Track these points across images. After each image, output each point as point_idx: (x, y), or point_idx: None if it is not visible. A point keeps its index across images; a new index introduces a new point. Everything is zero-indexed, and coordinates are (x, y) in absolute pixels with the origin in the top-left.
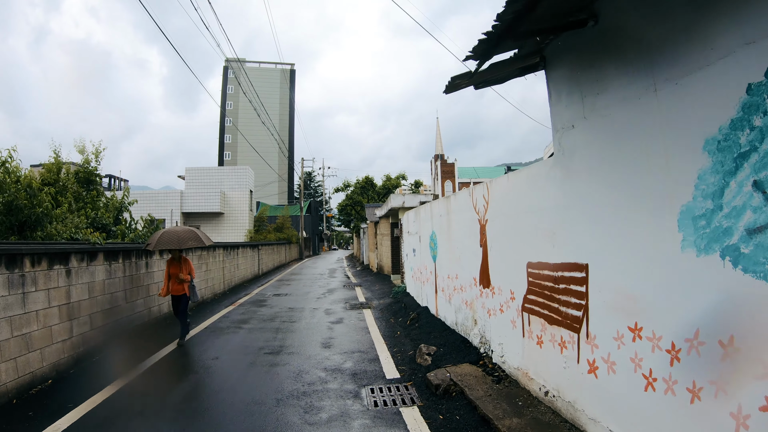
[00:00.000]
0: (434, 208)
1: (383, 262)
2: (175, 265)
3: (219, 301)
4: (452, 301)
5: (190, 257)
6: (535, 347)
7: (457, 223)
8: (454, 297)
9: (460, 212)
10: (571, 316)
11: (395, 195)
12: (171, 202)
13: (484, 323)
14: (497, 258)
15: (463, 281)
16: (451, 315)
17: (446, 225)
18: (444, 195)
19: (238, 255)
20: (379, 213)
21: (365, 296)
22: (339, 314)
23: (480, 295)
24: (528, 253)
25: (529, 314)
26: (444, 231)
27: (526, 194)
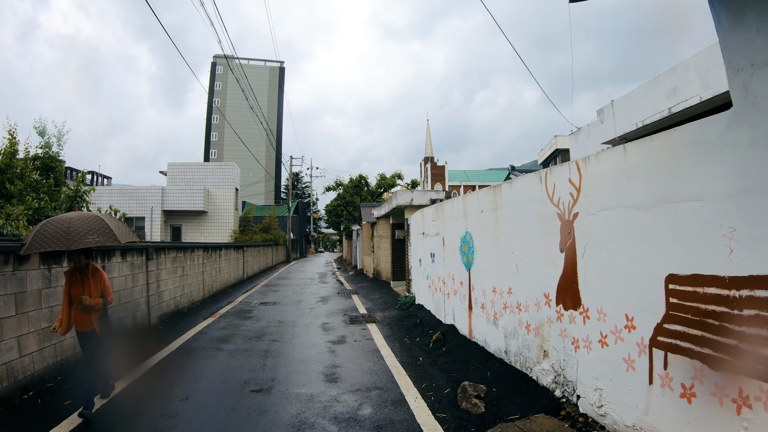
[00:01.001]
0: (469, 203)
1: (381, 266)
2: (78, 280)
3: (197, 312)
4: (499, 322)
5: (159, 257)
6: (675, 401)
7: (513, 220)
8: (505, 317)
9: (521, 205)
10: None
11: (402, 191)
12: (151, 199)
13: (565, 357)
14: (599, 268)
15: (523, 297)
16: (497, 340)
17: (491, 223)
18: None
19: (221, 257)
20: (377, 213)
21: (366, 307)
22: (339, 330)
23: (558, 318)
24: (671, 262)
25: (666, 351)
26: (487, 231)
27: (667, 172)
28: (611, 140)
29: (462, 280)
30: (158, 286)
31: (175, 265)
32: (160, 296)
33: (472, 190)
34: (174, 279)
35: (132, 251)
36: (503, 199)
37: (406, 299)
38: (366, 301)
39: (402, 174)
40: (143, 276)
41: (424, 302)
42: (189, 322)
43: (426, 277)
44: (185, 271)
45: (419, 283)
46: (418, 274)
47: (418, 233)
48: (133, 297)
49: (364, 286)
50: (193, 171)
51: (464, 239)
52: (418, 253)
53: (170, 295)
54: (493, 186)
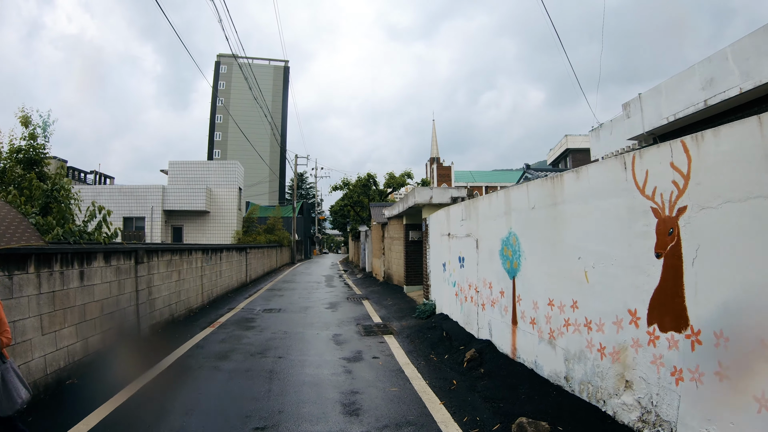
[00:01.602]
0: (515, 199)
1: (392, 270)
2: None
3: (195, 320)
4: (558, 341)
5: (151, 261)
6: None
7: (581, 217)
8: (567, 337)
9: (594, 199)
10: None
11: (420, 189)
12: (152, 198)
13: (659, 391)
14: (718, 278)
15: (595, 313)
16: (554, 363)
17: (547, 222)
18: None
19: (222, 260)
20: (388, 213)
21: (380, 315)
22: (354, 343)
23: (650, 341)
24: None
25: None
26: (541, 231)
27: None
28: (638, 136)
29: (503, 289)
30: (150, 293)
31: (170, 269)
32: (151, 304)
33: (479, 190)
34: (168, 284)
35: (118, 254)
36: (566, 192)
37: (425, 307)
38: (379, 307)
39: (412, 173)
40: (131, 282)
41: (448, 312)
42: (185, 333)
43: (452, 284)
44: (181, 275)
45: (442, 290)
46: (440, 280)
47: (441, 234)
48: (119, 306)
49: (374, 291)
50: (195, 169)
51: (507, 241)
52: (441, 257)
53: (164, 303)
54: (550, 177)
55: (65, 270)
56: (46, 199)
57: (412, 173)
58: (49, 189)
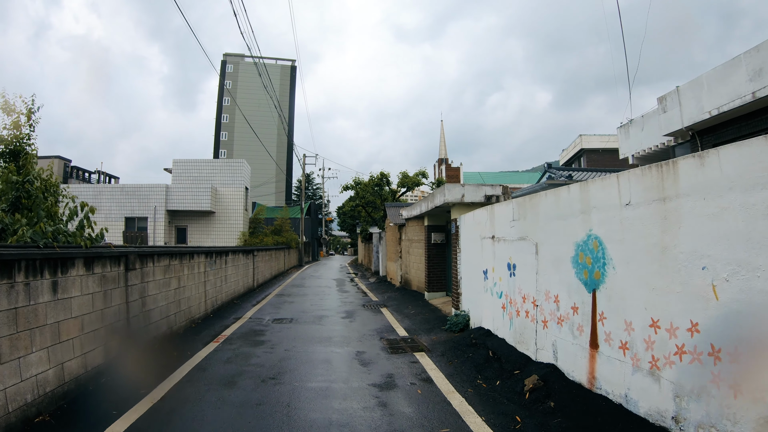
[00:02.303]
0: (596, 193)
1: (411, 274)
2: None
3: (197, 333)
4: (664, 372)
5: (145, 267)
6: None
7: (709, 216)
8: (678, 368)
9: (733, 191)
10: None
11: (450, 185)
12: (155, 197)
13: None
14: None
15: (728, 341)
16: (657, 399)
17: (653, 222)
18: None
19: (227, 263)
20: (407, 213)
21: (404, 326)
22: (382, 364)
23: None
24: None
25: None
26: (641, 233)
27: None
28: (677, 131)
29: (577, 303)
30: (143, 304)
31: (168, 275)
32: (146, 317)
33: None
34: (166, 293)
35: (104, 260)
36: (683, 184)
37: (457, 319)
38: (401, 317)
39: (426, 172)
40: (121, 293)
41: (491, 326)
42: (184, 350)
43: (496, 295)
44: (182, 282)
45: (481, 300)
46: (478, 289)
47: (482, 237)
48: (105, 322)
49: (392, 297)
50: (200, 168)
51: (584, 246)
52: (480, 263)
53: (161, 314)
54: (655, 165)
55: (32, 281)
56: (16, 193)
57: (426, 173)
58: (20, 181)
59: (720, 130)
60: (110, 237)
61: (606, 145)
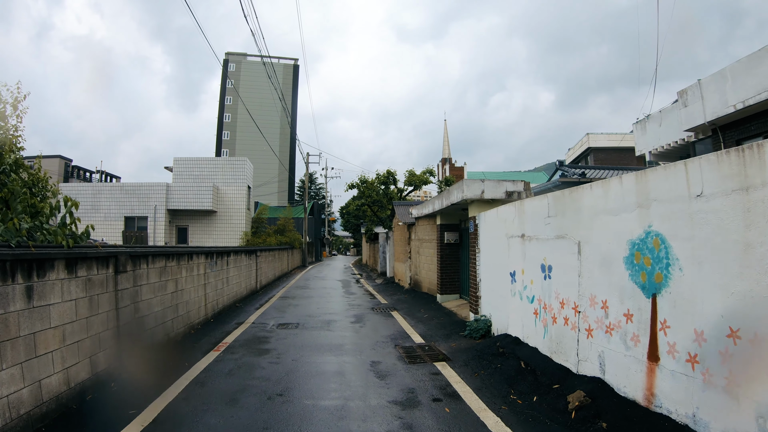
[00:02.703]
0: (656, 183)
1: (421, 276)
2: None
3: (196, 340)
4: (743, 390)
5: (138, 269)
6: None
7: None
8: (765, 383)
9: None
10: None
11: (469, 181)
12: (155, 196)
13: None
14: None
15: None
16: (736, 419)
17: (733, 215)
18: None
19: (229, 264)
20: (417, 212)
21: (419, 332)
22: (400, 376)
23: None
24: None
25: None
26: (718, 229)
27: None
28: (698, 126)
29: (631, 309)
30: (136, 310)
31: (165, 278)
32: (139, 324)
33: None
34: (162, 297)
35: (90, 261)
36: None
37: (477, 324)
38: (414, 321)
39: (434, 171)
40: (109, 298)
41: (521, 334)
42: (182, 360)
43: (527, 299)
44: (179, 285)
45: (507, 304)
46: (503, 293)
47: (507, 235)
48: (91, 332)
49: (401, 300)
50: (202, 166)
51: (641, 245)
52: (507, 264)
53: (156, 321)
54: (736, 150)
55: (0, 286)
56: None
57: (434, 171)
58: None
59: (744, 125)
60: (109, 237)
61: (613, 144)
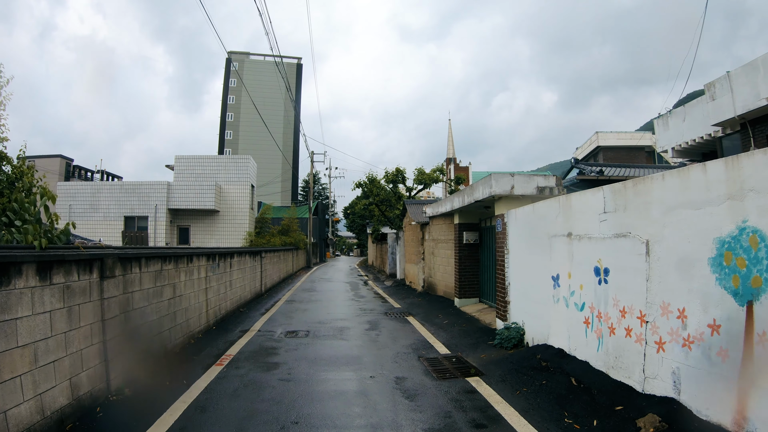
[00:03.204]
0: (753, 170)
1: (436, 278)
2: None
3: (195, 353)
4: None
5: (129, 273)
6: None
7: None
8: None
9: None
10: None
11: (498, 176)
12: (156, 196)
13: None
14: None
15: None
16: None
17: None
18: None
19: (233, 266)
20: (431, 211)
21: (442, 340)
22: (431, 395)
23: None
24: None
25: None
26: None
27: None
28: (727, 120)
29: (718, 319)
30: (126, 321)
31: (160, 282)
32: (130, 337)
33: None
34: (158, 305)
35: (68, 266)
36: None
37: (509, 333)
38: (434, 328)
39: (444, 169)
40: (94, 309)
41: (566, 345)
42: (180, 377)
43: (575, 306)
44: (178, 290)
45: (549, 312)
46: (541, 298)
47: (549, 235)
48: (71, 349)
49: (415, 304)
50: (204, 164)
51: (733, 243)
52: (548, 266)
53: (151, 331)
54: None
55: None
56: None
57: (444, 169)
58: None
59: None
60: (109, 237)
61: (623, 143)
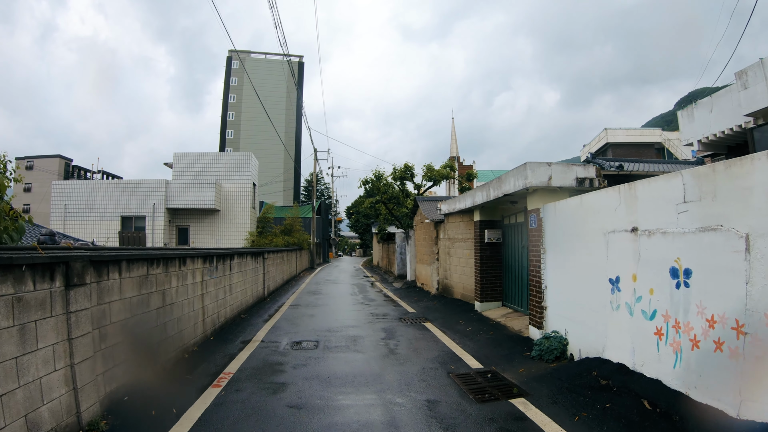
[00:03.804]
0: None
1: (453, 280)
2: None
3: (190, 370)
4: None
5: (106, 279)
6: None
7: None
8: None
9: None
10: None
11: (534, 165)
12: (154, 194)
13: None
14: None
15: None
16: None
17: None
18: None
19: (233, 269)
20: (447, 208)
21: (469, 351)
22: (474, 426)
23: None
24: None
25: None
26: None
27: None
28: (761, 110)
29: None
30: (102, 339)
31: (146, 290)
32: (108, 357)
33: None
34: (144, 316)
35: (18, 272)
36: None
37: (549, 343)
38: (458, 336)
39: (455, 165)
40: (56, 325)
41: (630, 361)
42: (168, 405)
43: (643, 314)
44: (168, 298)
45: (605, 320)
46: (595, 304)
47: (604, 231)
48: (26, 378)
49: (431, 308)
50: (203, 162)
51: None
52: (603, 267)
53: (135, 349)
54: None
55: None
56: None
57: (455, 165)
58: None
59: None
60: (105, 237)
61: (632, 139)
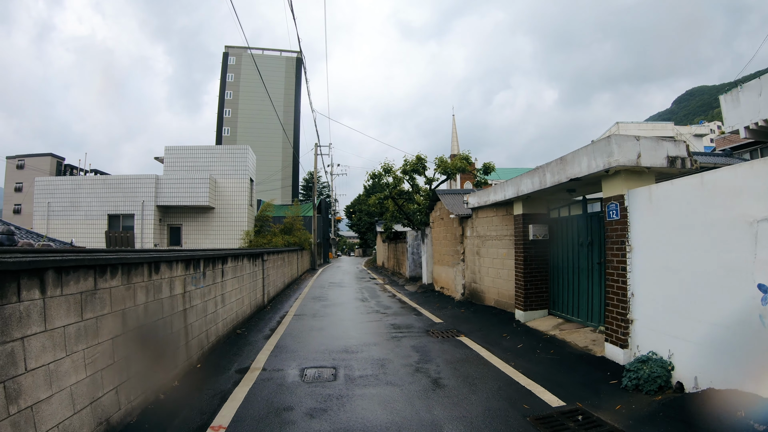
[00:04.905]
0: None
1: (485, 284)
2: None
3: (166, 424)
4: None
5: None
6: None
7: None
8: None
9: None
10: None
11: (621, 138)
12: (143, 191)
13: None
14: None
15: None
16: None
17: None
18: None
19: (226, 274)
20: (477, 201)
21: (534, 378)
22: None
23: None
24: None
25: None
26: None
27: None
28: None
29: None
30: (9, 398)
31: (93, 312)
32: (19, 424)
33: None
34: (89, 352)
35: None
36: None
37: (651, 370)
38: (511, 357)
39: (470, 157)
40: None
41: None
42: None
43: None
44: (129, 321)
45: (746, 341)
46: (728, 319)
47: (749, 220)
48: None
49: (459, 316)
50: (196, 156)
51: None
52: (750, 269)
53: (91, 396)
54: None
55: None
56: None
57: (470, 158)
58: None
59: None
60: (90, 238)
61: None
